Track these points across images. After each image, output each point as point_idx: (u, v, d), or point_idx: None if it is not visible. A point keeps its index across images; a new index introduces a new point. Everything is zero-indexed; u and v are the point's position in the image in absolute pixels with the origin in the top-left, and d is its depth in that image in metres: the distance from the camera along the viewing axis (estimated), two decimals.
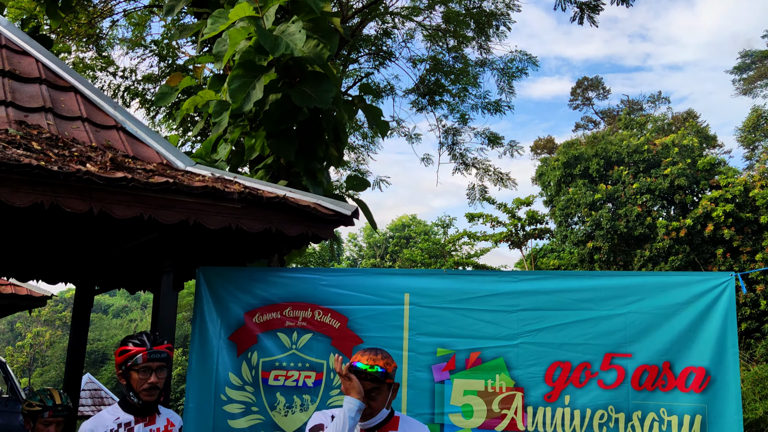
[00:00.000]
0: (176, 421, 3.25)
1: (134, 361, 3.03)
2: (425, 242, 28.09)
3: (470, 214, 22.83)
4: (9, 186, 3.29)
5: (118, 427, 3.02)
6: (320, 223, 4.40)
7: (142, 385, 3.04)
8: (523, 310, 4.04)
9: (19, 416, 9.19)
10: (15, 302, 10.63)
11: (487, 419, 3.90)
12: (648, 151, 21.69)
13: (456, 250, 26.69)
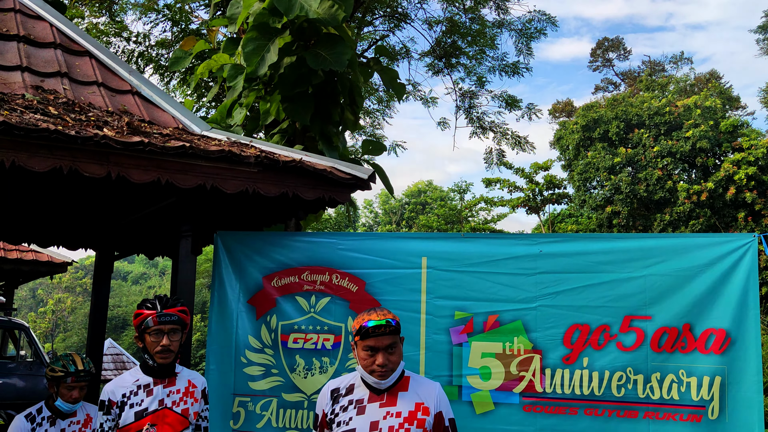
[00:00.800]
0: (198, 383, 3.25)
1: (146, 324, 3.05)
2: (441, 208, 28.00)
3: (487, 179, 22.69)
4: (27, 151, 3.30)
5: (137, 389, 3.06)
6: (337, 187, 4.39)
7: (155, 348, 3.05)
8: (542, 273, 4.01)
9: (44, 380, 9.42)
10: (36, 268, 10.82)
11: (505, 381, 3.91)
12: (669, 113, 21.32)
13: (473, 215, 26.62)
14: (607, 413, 3.76)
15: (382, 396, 2.66)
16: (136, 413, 3.00)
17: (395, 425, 2.58)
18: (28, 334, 9.50)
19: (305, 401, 4.25)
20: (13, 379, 9.11)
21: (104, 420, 3.00)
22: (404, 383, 2.70)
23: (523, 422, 3.84)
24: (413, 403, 2.63)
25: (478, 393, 3.94)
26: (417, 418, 2.60)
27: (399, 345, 2.67)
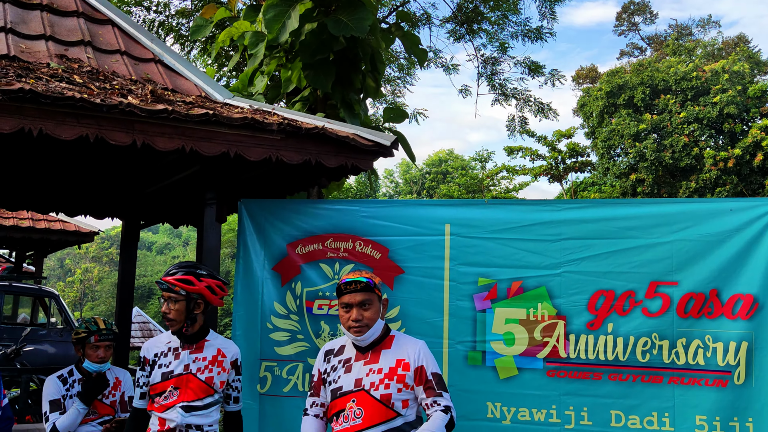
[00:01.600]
0: (229, 353, 3.27)
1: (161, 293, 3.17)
2: (462, 177, 27.86)
3: (509, 147, 22.48)
4: (54, 119, 3.33)
5: (168, 350, 3.16)
6: (359, 154, 4.37)
7: (165, 313, 3.16)
8: (567, 239, 3.99)
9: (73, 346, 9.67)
10: (64, 238, 11.02)
11: (529, 347, 3.93)
12: (696, 78, 20.86)
13: (494, 184, 26.47)
14: (631, 378, 3.76)
15: (366, 354, 2.79)
16: (162, 374, 3.10)
17: (376, 381, 2.70)
18: (58, 302, 9.72)
19: None
20: (45, 346, 9.36)
21: (140, 375, 3.15)
22: (388, 342, 2.83)
23: (546, 387, 3.86)
24: (394, 360, 2.76)
25: (502, 358, 3.96)
26: (397, 373, 2.72)
27: (376, 303, 2.79)
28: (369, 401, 2.67)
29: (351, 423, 2.66)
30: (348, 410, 2.68)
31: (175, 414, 3.06)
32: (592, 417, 3.79)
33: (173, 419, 3.06)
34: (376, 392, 2.67)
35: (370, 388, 2.68)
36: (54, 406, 3.76)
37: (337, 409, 2.74)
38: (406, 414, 2.70)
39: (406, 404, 2.70)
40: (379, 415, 2.65)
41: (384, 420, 2.64)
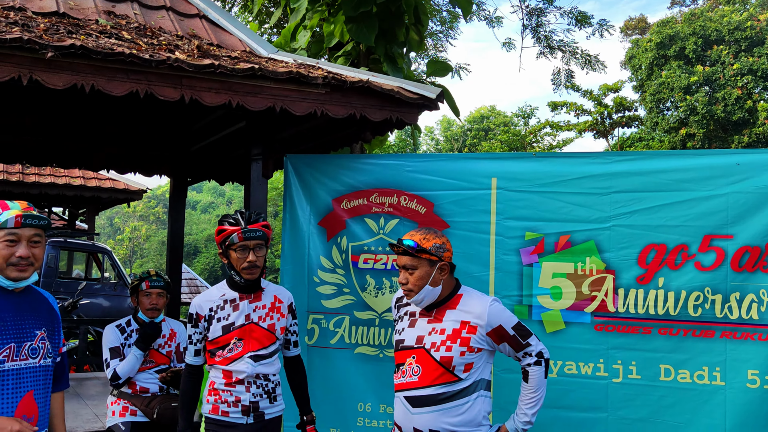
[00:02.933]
0: (284, 298, 3.24)
1: (231, 240, 2.98)
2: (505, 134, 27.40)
3: (553, 102, 21.94)
4: (105, 75, 3.38)
5: (224, 303, 3.05)
6: (404, 108, 4.34)
7: (241, 264, 3.00)
8: (617, 192, 3.90)
9: (127, 299, 10.01)
10: (114, 195, 11.32)
11: (577, 301, 3.89)
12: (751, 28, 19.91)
13: (537, 141, 25.99)
14: (682, 333, 3.71)
15: (431, 312, 2.72)
16: (223, 327, 3.01)
17: (437, 342, 2.62)
18: (111, 257, 10.05)
19: (377, 319, 4.36)
20: (99, 299, 9.73)
21: (192, 332, 3.05)
22: (455, 301, 2.73)
23: (594, 341, 3.84)
24: (458, 322, 2.66)
25: (549, 312, 3.94)
26: (461, 336, 2.63)
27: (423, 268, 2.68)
28: (428, 361, 2.61)
29: (408, 379, 2.64)
30: (407, 365, 2.65)
31: (244, 365, 3.02)
32: (641, 371, 3.76)
33: (242, 370, 3.01)
34: (437, 353, 2.60)
35: (431, 348, 2.61)
36: (114, 353, 3.92)
37: (398, 361, 2.72)
38: (467, 378, 2.62)
39: (468, 368, 2.62)
40: (436, 376, 2.59)
41: (441, 382, 2.58)
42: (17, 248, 2.25)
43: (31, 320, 2.32)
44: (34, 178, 10.51)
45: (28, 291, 2.39)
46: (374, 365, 4.31)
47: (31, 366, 2.27)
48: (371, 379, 4.32)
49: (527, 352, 2.70)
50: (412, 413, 2.60)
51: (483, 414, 2.64)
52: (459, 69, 12.89)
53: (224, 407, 3.01)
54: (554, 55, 13.02)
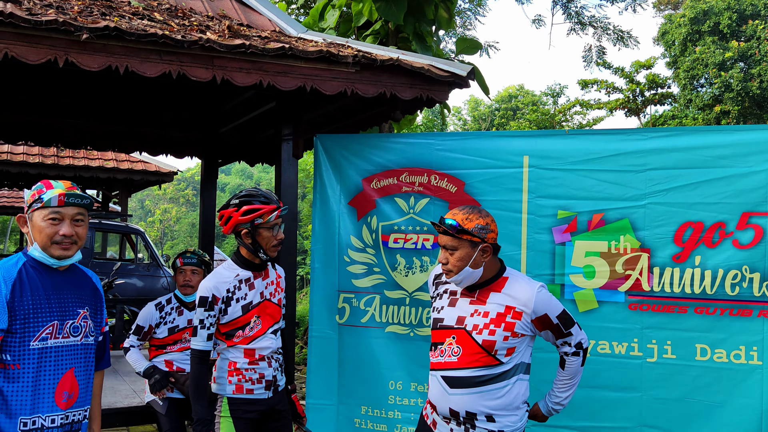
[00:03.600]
0: (281, 272, 3.32)
1: (267, 219, 3.00)
2: (533, 113, 27.03)
3: (583, 80, 21.55)
4: (138, 56, 3.41)
5: (239, 283, 3.03)
6: (434, 86, 4.30)
7: (271, 243, 3.04)
8: (652, 169, 3.83)
9: (160, 279, 10.18)
10: (146, 177, 11.48)
11: (610, 280, 3.85)
12: None
13: (567, 120, 25.60)
14: (718, 312, 3.65)
15: (474, 293, 2.64)
16: (242, 307, 3.03)
17: (480, 324, 2.55)
18: (144, 238, 10.21)
19: (407, 298, 4.37)
20: (133, 279, 9.91)
21: (205, 316, 2.97)
22: (500, 283, 2.63)
23: (628, 320, 3.80)
24: (503, 306, 2.57)
25: (582, 291, 3.91)
26: (505, 321, 2.55)
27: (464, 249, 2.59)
28: (469, 343, 2.55)
29: (446, 359, 2.58)
30: (446, 345, 2.59)
31: (267, 341, 3.09)
32: (676, 350, 3.71)
33: (266, 347, 3.08)
34: (479, 336, 2.53)
35: (473, 330, 2.54)
36: (137, 330, 4.02)
37: (436, 340, 2.66)
38: (508, 362, 2.55)
39: (510, 352, 2.55)
40: (477, 359, 2.53)
41: (481, 365, 2.52)
42: (60, 227, 2.29)
43: (74, 299, 2.36)
44: (69, 160, 10.70)
45: (72, 270, 2.43)
46: (405, 344, 4.33)
47: (73, 344, 2.31)
48: (402, 358, 4.34)
49: (567, 341, 2.65)
50: (448, 393, 2.56)
51: (521, 398, 2.60)
52: (488, 47, 12.72)
53: (248, 385, 3.05)
54: (585, 32, 12.79)
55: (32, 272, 2.28)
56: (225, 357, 3.08)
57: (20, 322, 2.17)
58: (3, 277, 2.21)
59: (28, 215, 2.32)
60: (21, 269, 2.26)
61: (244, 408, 3.04)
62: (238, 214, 3.01)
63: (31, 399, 2.19)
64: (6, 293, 2.17)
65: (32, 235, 2.31)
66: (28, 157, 10.36)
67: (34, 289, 2.24)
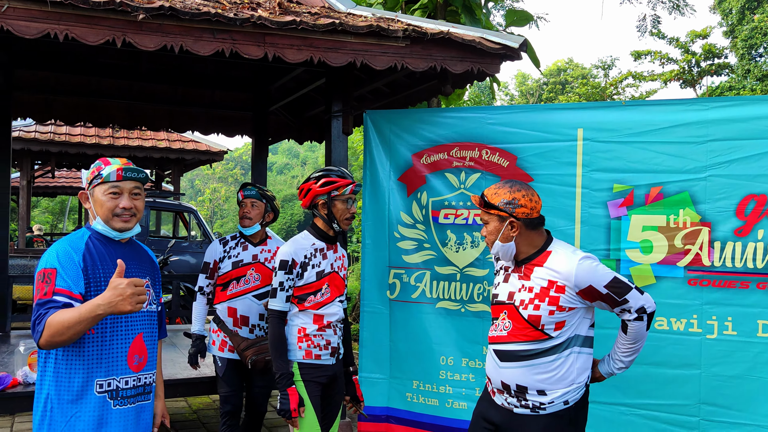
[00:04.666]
0: (344, 253, 3.46)
1: (343, 192, 3.19)
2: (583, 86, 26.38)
3: (636, 51, 20.87)
4: (192, 35, 3.45)
5: (314, 251, 3.22)
6: (486, 58, 4.24)
7: (345, 215, 3.22)
8: (713, 141, 3.70)
9: None
10: (197, 157, 11.70)
11: (669, 255, 3.75)
12: None
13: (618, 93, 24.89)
14: None
15: (520, 268, 2.64)
16: (317, 273, 3.19)
17: (526, 299, 2.55)
18: (196, 216, 10.43)
19: (457, 274, 4.36)
20: (186, 256, 10.15)
21: (285, 278, 3.14)
22: (543, 258, 2.60)
23: (687, 296, 3.70)
24: (546, 280, 2.53)
25: (638, 266, 3.82)
26: (549, 295, 2.51)
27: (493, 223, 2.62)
28: (518, 318, 2.56)
29: (498, 333, 2.65)
30: (500, 320, 2.65)
31: (335, 308, 3.25)
32: (737, 327, 3.61)
33: (334, 313, 3.24)
34: (525, 311, 2.54)
35: (520, 305, 2.55)
36: (204, 267, 4.09)
37: (493, 315, 2.72)
38: (559, 336, 2.52)
39: (560, 326, 2.51)
40: (525, 334, 2.54)
41: (529, 339, 2.52)
42: (120, 200, 2.39)
43: (136, 269, 2.46)
44: (124, 141, 10.98)
45: (131, 243, 2.53)
46: (456, 319, 4.32)
47: (140, 311, 2.41)
48: (452, 333, 4.35)
49: (625, 309, 2.56)
50: (499, 367, 2.61)
51: (576, 371, 2.55)
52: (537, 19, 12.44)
53: (317, 351, 3.19)
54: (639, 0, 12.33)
55: (97, 244, 2.39)
56: (294, 323, 3.21)
57: (94, 289, 2.28)
58: (72, 248, 2.32)
59: (89, 191, 2.43)
60: (87, 241, 2.38)
61: (313, 372, 3.18)
62: (317, 185, 3.21)
63: (106, 362, 2.30)
64: (79, 261, 2.28)
65: (94, 210, 2.42)
66: (85, 138, 10.68)
67: (102, 259, 2.35)
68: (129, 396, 2.35)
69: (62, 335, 2.10)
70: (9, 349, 5.13)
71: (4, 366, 4.54)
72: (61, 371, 2.27)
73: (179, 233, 12.37)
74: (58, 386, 2.26)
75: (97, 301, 2.08)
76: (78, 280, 2.24)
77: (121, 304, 2.07)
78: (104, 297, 2.08)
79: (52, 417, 2.26)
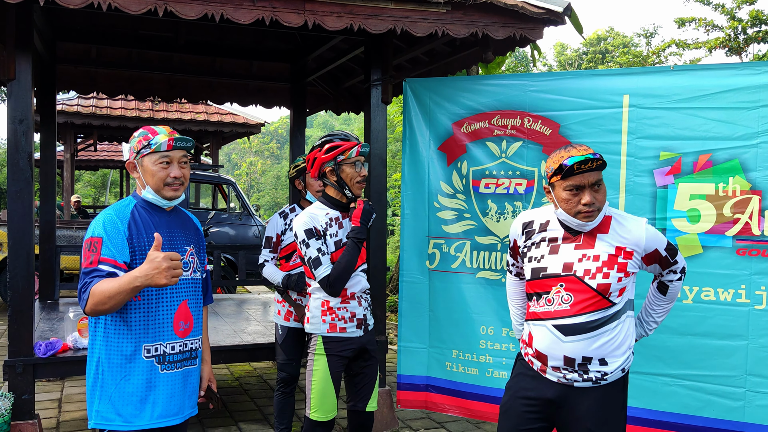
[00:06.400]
0: None
1: (349, 155, 3.08)
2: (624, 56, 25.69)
3: (680, 18, 20.20)
4: (233, 3, 3.45)
5: (330, 220, 3.12)
6: (528, 23, 4.15)
7: (355, 179, 3.10)
8: (766, 106, 3.57)
9: (251, 228, 10.54)
10: (235, 129, 11.78)
11: (717, 224, 3.66)
12: None
13: (661, 62, 24.21)
14: None
15: (578, 237, 2.49)
16: (335, 243, 3.11)
17: (592, 269, 2.42)
18: (235, 188, 10.54)
19: (498, 243, 4.33)
20: (225, 228, 10.29)
21: (320, 244, 3.05)
22: (605, 224, 2.49)
23: (735, 266, 3.62)
24: (614, 247, 2.44)
25: (685, 236, 3.74)
26: (618, 262, 2.42)
27: (603, 182, 2.45)
28: (582, 288, 2.44)
29: (556, 308, 2.48)
30: (554, 294, 2.48)
31: (358, 278, 3.18)
32: None
33: (357, 283, 3.18)
34: (593, 281, 2.42)
35: (585, 275, 2.43)
36: (266, 242, 4.10)
37: (538, 290, 2.55)
38: (620, 301, 2.47)
39: (622, 292, 2.47)
40: (591, 303, 2.44)
41: (595, 309, 2.43)
42: (171, 169, 2.42)
43: (182, 237, 2.50)
44: (163, 114, 11.12)
45: (177, 211, 2.56)
46: (496, 289, 4.30)
47: (184, 278, 2.46)
48: (493, 303, 4.33)
49: (673, 270, 2.58)
50: (563, 342, 2.46)
51: (631, 336, 2.53)
52: None
53: (341, 324, 3.14)
54: None
55: (143, 212, 2.43)
56: (318, 297, 3.17)
57: (139, 256, 2.32)
58: (118, 217, 2.36)
59: (137, 161, 2.45)
60: (133, 210, 2.42)
61: (338, 346, 3.14)
62: (321, 153, 3.11)
63: (152, 327, 2.36)
64: (124, 230, 2.33)
65: (144, 179, 2.44)
66: (125, 111, 10.85)
67: (147, 228, 2.39)
68: (176, 361, 2.41)
69: (105, 304, 2.16)
70: (59, 316, 5.30)
71: (55, 332, 4.69)
72: (111, 336, 2.34)
73: (218, 205, 12.53)
74: (108, 350, 2.33)
75: (135, 273, 2.13)
76: (123, 249, 2.29)
77: (156, 277, 2.11)
78: (142, 269, 2.13)
79: (103, 379, 2.34)
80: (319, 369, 3.12)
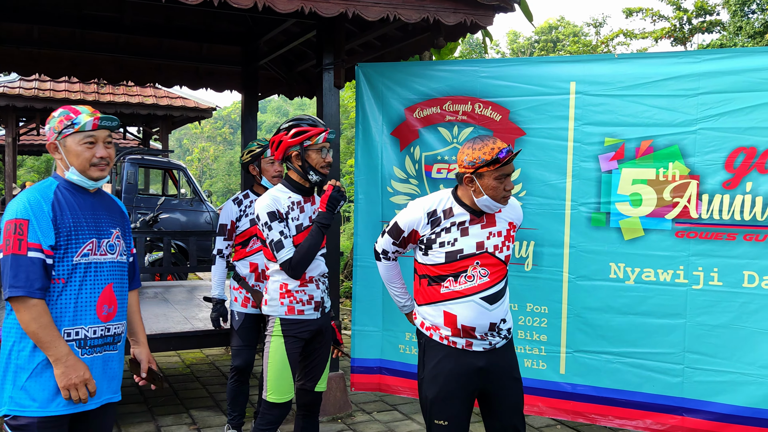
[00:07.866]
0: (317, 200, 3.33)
1: (315, 141, 3.09)
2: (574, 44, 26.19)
3: (628, 8, 20.68)
4: None
5: (292, 204, 3.13)
6: (479, 10, 4.20)
7: (321, 164, 3.12)
8: (704, 94, 3.70)
9: (203, 214, 10.40)
10: (185, 114, 11.55)
11: (657, 207, 3.80)
12: None
13: (609, 51, 24.74)
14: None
15: (482, 218, 2.79)
16: (296, 227, 3.11)
17: (498, 244, 2.79)
18: (186, 174, 10.37)
19: None
20: (176, 214, 10.13)
21: (282, 227, 3.06)
22: None
23: (674, 248, 3.77)
24: (506, 222, 2.84)
25: (627, 219, 3.87)
26: (511, 235, 2.86)
27: None
28: (494, 262, 2.78)
29: (478, 282, 2.75)
30: (472, 271, 2.75)
31: (317, 262, 3.20)
32: (723, 278, 3.68)
33: (316, 267, 3.19)
34: (500, 254, 2.80)
35: (495, 250, 2.79)
36: (221, 230, 4.07)
37: (455, 270, 2.75)
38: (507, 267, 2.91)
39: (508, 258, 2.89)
40: (501, 273, 2.81)
41: (502, 277, 2.81)
42: (96, 149, 2.38)
43: (107, 219, 2.47)
44: (109, 97, 10.81)
45: (100, 193, 2.53)
46: None
47: (110, 261, 2.43)
48: None
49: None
50: (489, 310, 2.76)
51: None
52: None
53: (299, 306, 3.16)
54: None
55: (66, 194, 2.38)
56: (276, 280, 3.18)
57: (64, 239, 2.29)
58: (42, 198, 2.31)
59: (59, 141, 2.38)
60: (56, 191, 2.37)
61: (296, 328, 3.16)
62: (288, 136, 3.10)
63: (74, 311, 2.32)
64: (48, 210, 2.29)
65: (67, 160, 2.38)
66: (69, 94, 10.51)
67: (72, 209, 2.35)
68: (96, 345, 2.37)
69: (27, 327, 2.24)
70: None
71: None
72: None
73: (168, 191, 12.31)
74: (24, 334, 2.27)
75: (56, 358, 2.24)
76: (49, 231, 2.26)
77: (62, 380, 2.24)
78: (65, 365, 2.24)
79: (17, 365, 2.28)
80: (276, 351, 3.13)
